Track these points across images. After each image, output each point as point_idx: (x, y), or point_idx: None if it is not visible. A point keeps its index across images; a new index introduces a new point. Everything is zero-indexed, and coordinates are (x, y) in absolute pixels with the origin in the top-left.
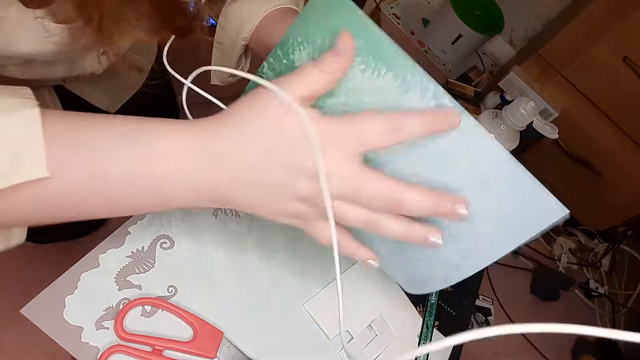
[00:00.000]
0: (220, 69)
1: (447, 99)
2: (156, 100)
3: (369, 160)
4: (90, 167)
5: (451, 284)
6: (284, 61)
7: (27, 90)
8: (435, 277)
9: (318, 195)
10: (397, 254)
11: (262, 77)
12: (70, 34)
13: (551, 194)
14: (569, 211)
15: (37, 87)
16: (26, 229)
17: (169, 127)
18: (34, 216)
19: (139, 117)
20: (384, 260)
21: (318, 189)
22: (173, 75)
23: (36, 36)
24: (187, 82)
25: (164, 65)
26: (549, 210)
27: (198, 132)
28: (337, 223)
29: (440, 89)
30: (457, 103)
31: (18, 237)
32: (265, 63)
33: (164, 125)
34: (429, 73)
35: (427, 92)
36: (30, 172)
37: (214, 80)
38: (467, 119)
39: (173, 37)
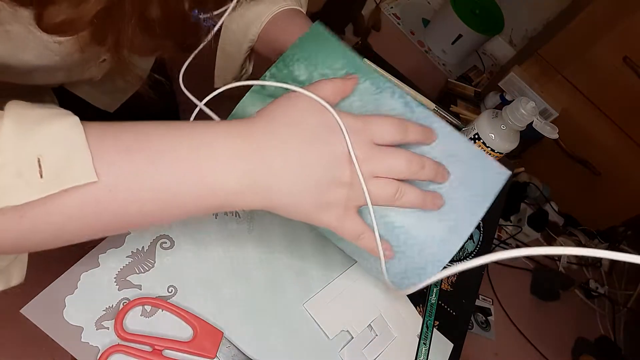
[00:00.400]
0: (246, 84)
1: (408, 97)
2: (156, 99)
3: None
4: (139, 171)
5: (443, 265)
6: (284, 71)
7: (54, 105)
8: (428, 259)
9: (356, 175)
10: (392, 238)
11: (265, 81)
12: (79, 48)
13: (496, 161)
14: (510, 172)
15: (38, 90)
16: (25, 268)
17: (214, 129)
18: (76, 229)
19: (173, 121)
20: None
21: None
22: (177, 79)
23: (42, 49)
24: (201, 105)
25: (163, 71)
26: (498, 173)
27: (242, 128)
28: (362, 221)
29: (404, 92)
30: (417, 102)
31: (18, 276)
32: (267, 72)
33: (209, 129)
34: (429, 73)
35: (394, 94)
36: (77, 177)
37: (218, 86)
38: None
39: (190, 59)
